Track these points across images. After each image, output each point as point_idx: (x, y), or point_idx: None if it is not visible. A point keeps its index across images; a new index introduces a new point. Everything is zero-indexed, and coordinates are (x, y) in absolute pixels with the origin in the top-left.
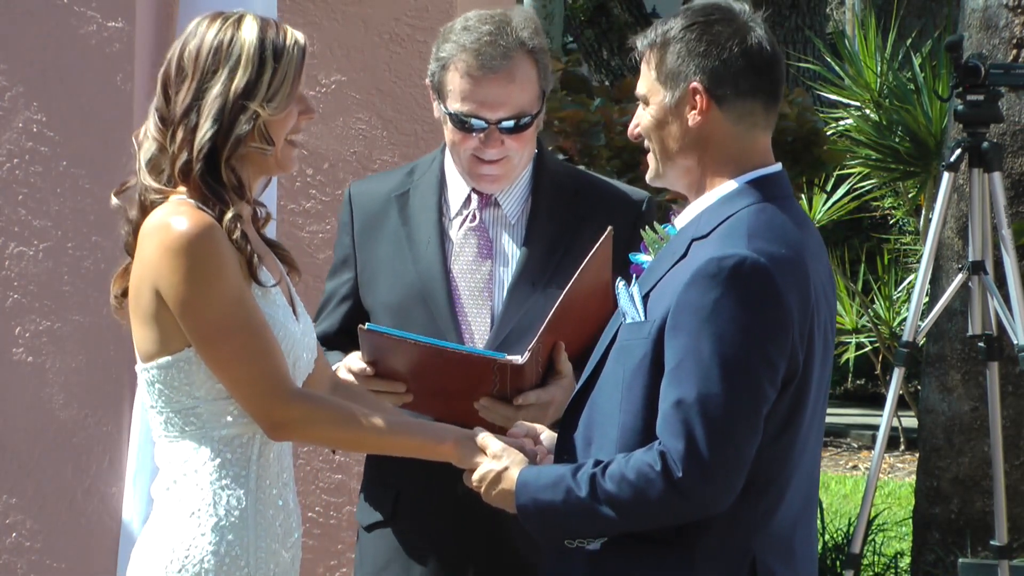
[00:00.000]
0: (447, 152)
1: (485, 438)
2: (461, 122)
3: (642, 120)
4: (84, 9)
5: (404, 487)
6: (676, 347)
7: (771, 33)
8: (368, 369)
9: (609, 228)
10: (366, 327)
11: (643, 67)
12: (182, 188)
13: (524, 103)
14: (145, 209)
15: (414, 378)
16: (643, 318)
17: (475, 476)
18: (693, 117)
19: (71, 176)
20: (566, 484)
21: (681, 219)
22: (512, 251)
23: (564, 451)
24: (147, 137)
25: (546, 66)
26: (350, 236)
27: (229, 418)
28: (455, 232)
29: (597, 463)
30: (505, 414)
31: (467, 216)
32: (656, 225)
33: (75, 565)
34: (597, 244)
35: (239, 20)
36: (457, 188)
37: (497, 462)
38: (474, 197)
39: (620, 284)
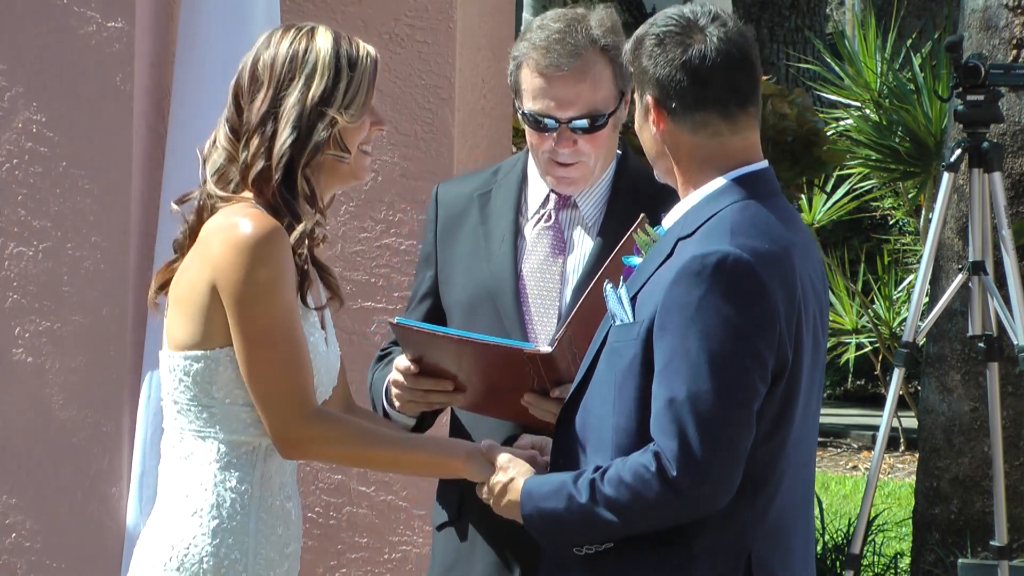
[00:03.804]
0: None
1: (493, 450)
2: (535, 121)
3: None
4: (84, 9)
5: (469, 488)
6: (664, 346)
7: (737, 36)
8: (413, 367)
9: (642, 215)
10: (395, 321)
11: None
12: (247, 193)
13: (596, 102)
14: (203, 214)
15: (459, 374)
16: (632, 320)
17: (484, 489)
18: (655, 127)
19: (71, 176)
20: (567, 491)
21: (668, 219)
22: (584, 252)
23: (560, 455)
24: (216, 148)
25: (624, 65)
26: (433, 233)
27: (240, 426)
28: (530, 231)
29: (597, 468)
30: (549, 409)
31: (543, 216)
32: (648, 227)
33: (75, 565)
34: (629, 231)
35: (312, 31)
36: (537, 188)
37: (504, 474)
38: (552, 197)
39: (608, 287)
